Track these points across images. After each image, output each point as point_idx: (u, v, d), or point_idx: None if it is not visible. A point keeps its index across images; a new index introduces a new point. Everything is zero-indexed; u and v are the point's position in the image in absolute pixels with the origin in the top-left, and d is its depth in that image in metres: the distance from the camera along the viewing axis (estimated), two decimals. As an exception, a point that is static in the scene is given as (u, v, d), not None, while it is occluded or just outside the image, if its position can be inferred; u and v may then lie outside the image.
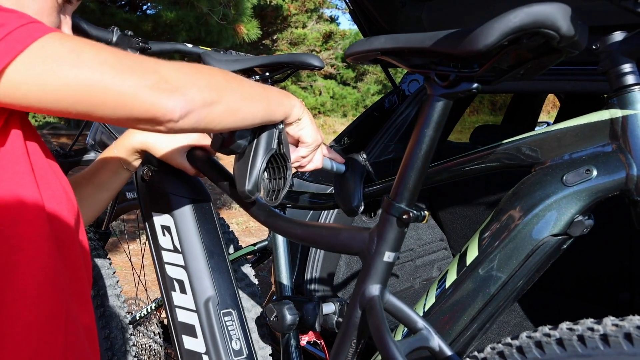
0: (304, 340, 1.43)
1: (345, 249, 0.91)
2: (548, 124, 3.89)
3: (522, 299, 2.25)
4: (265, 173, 0.96)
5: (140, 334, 1.70)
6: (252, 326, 1.41)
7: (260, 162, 0.92)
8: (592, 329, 0.67)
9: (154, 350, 1.69)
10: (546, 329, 0.71)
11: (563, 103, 3.25)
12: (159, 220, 1.19)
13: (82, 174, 1.16)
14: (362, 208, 1.07)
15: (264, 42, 10.79)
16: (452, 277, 1.01)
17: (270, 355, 1.45)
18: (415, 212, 0.83)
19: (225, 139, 0.94)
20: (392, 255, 0.86)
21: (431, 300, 1.04)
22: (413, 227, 2.54)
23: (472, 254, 0.98)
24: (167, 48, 1.46)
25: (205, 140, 1.13)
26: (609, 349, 0.64)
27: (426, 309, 1.04)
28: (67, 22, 0.85)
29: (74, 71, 0.63)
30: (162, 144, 1.13)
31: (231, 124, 0.80)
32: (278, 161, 0.95)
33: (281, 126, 0.93)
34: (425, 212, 0.84)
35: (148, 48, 1.39)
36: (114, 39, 1.37)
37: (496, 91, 2.72)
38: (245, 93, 0.81)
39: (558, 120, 3.04)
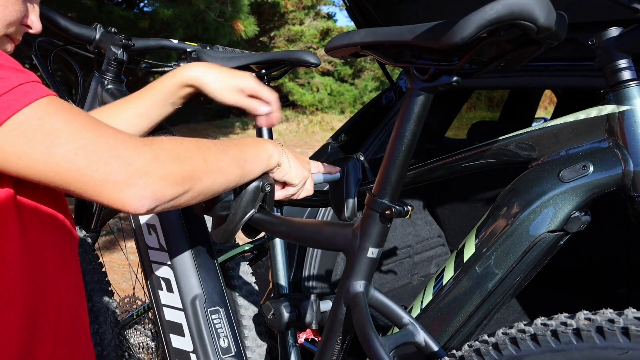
0: (302, 337, 1.43)
1: (329, 245, 0.91)
2: (545, 119, 3.89)
3: (520, 295, 2.25)
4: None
5: (138, 332, 1.70)
6: (250, 324, 1.41)
7: (239, 222, 0.98)
8: (565, 324, 0.67)
9: (152, 348, 1.69)
10: (521, 324, 0.71)
11: (560, 99, 3.25)
12: (145, 218, 1.19)
13: (126, 97, 1.14)
14: (356, 218, 1.08)
15: (261, 39, 10.78)
16: (449, 274, 1.01)
17: (268, 353, 1.45)
18: (397, 207, 0.82)
19: (207, 206, 0.99)
20: (376, 251, 0.85)
21: (428, 297, 1.04)
22: (410, 223, 2.53)
23: (469, 250, 0.98)
24: (152, 44, 1.43)
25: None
26: (582, 343, 0.64)
27: (423, 306, 1.04)
28: (34, 11, 0.84)
29: (45, 157, 0.64)
30: (214, 83, 1.09)
31: (200, 201, 0.83)
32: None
33: (268, 188, 0.97)
34: (409, 207, 0.83)
35: (132, 45, 1.37)
36: (97, 36, 1.36)
37: (492, 87, 2.72)
38: (220, 167, 0.83)
39: (555, 116, 3.04)
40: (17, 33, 0.83)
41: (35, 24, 0.84)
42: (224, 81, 1.09)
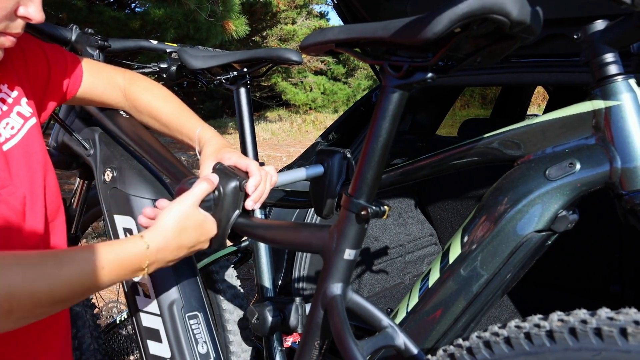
0: (289, 341, 1.40)
1: (306, 247, 0.90)
2: (537, 116, 3.86)
3: (513, 294, 2.24)
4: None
5: (122, 338, 1.68)
6: (234, 328, 1.38)
7: (225, 226, 0.96)
8: (538, 326, 0.65)
9: (136, 354, 1.66)
10: (495, 327, 0.70)
11: (552, 95, 3.23)
12: (121, 222, 1.16)
13: (167, 120, 1.13)
14: (332, 216, 1.05)
15: (253, 38, 10.75)
16: (435, 276, 0.99)
17: (254, 357, 1.42)
18: (374, 207, 0.81)
19: None
20: (353, 253, 0.84)
21: (414, 299, 1.02)
22: (402, 222, 2.51)
23: (455, 251, 0.96)
24: (131, 45, 1.41)
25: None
26: (555, 345, 0.63)
27: (409, 308, 1.02)
28: (32, 1, 0.80)
29: None
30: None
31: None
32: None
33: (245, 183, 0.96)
34: (385, 207, 0.82)
35: (108, 46, 1.34)
36: (73, 37, 1.33)
37: (483, 84, 2.70)
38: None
39: (547, 112, 3.02)
40: (12, 27, 0.79)
41: (33, 15, 0.80)
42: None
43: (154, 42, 1.42)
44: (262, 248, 1.25)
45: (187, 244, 0.89)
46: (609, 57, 0.82)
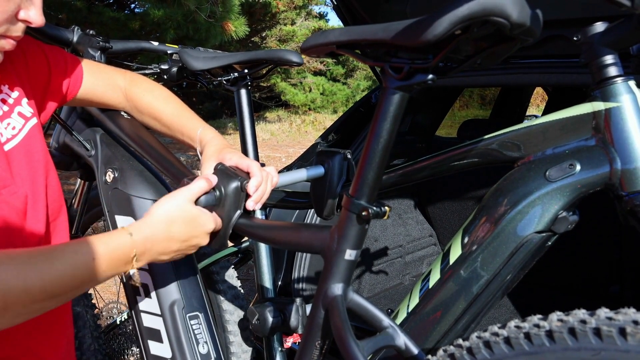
0: (289, 341, 1.40)
1: (307, 247, 0.90)
2: (536, 117, 3.87)
3: (513, 295, 2.24)
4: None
5: (123, 338, 1.68)
6: (235, 329, 1.39)
7: (227, 226, 0.96)
8: (538, 326, 0.66)
9: (137, 354, 1.67)
10: (495, 327, 0.70)
11: (551, 96, 3.24)
12: (122, 223, 1.17)
13: (167, 121, 1.13)
14: (333, 217, 1.06)
15: (252, 39, 10.75)
16: (435, 277, 0.99)
17: (254, 358, 1.42)
18: (375, 208, 0.81)
19: None
20: (354, 253, 0.84)
21: (415, 300, 1.02)
22: (402, 223, 2.52)
23: (456, 252, 0.96)
24: (132, 47, 1.41)
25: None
26: (555, 345, 0.63)
27: (410, 309, 1.02)
28: (33, 5, 0.81)
29: None
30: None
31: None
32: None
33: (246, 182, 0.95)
34: (386, 208, 0.82)
35: (109, 47, 1.35)
36: (75, 38, 1.33)
37: (482, 85, 2.71)
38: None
39: (546, 113, 3.02)
40: (12, 31, 0.80)
41: (34, 18, 0.81)
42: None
43: (155, 43, 1.42)
44: (263, 248, 1.25)
45: (178, 236, 0.88)
46: (609, 58, 0.83)
